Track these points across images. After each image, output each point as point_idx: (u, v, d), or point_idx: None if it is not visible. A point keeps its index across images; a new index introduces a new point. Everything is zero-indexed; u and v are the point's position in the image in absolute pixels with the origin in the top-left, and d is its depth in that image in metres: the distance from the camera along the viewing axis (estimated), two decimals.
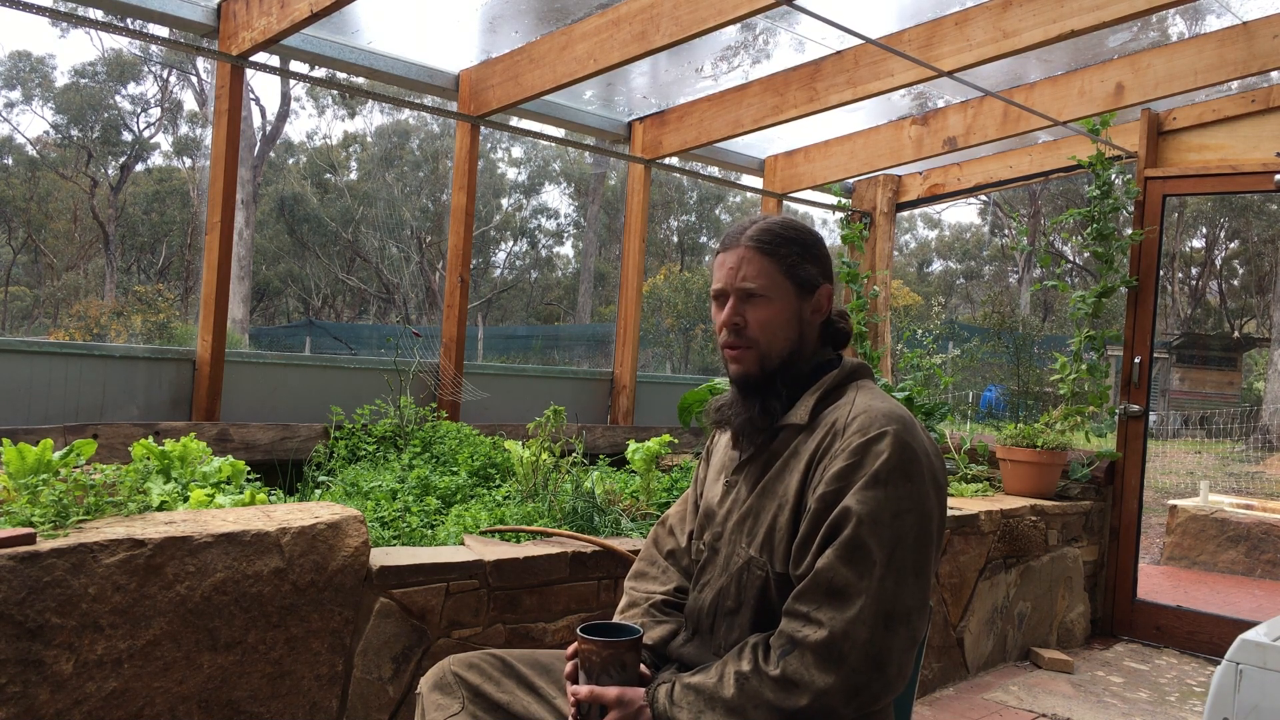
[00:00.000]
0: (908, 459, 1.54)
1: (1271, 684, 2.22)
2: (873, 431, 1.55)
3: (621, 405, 5.31)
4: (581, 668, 1.58)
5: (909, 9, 4.16)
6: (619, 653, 1.56)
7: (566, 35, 4.16)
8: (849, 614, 1.46)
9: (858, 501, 1.50)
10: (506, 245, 30.62)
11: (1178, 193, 4.86)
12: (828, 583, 1.49)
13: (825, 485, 1.55)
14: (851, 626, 1.45)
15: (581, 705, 1.56)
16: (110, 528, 1.99)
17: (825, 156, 5.79)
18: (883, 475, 1.51)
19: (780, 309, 1.68)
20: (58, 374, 3.54)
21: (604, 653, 1.55)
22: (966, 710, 3.59)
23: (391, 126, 27.14)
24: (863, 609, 1.46)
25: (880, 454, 1.53)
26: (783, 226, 1.71)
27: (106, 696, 1.90)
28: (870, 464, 1.52)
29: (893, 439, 1.54)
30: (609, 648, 1.56)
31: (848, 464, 1.54)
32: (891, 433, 1.54)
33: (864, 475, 1.52)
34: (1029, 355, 6.87)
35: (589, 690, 1.55)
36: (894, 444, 1.53)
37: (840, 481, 1.53)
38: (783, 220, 1.73)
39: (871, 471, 1.52)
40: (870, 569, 1.47)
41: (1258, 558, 6.53)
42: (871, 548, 1.48)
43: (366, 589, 2.27)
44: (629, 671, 1.57)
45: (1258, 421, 14.33)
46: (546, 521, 3.13)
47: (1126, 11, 3.61)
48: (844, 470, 1.54)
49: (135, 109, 26.98)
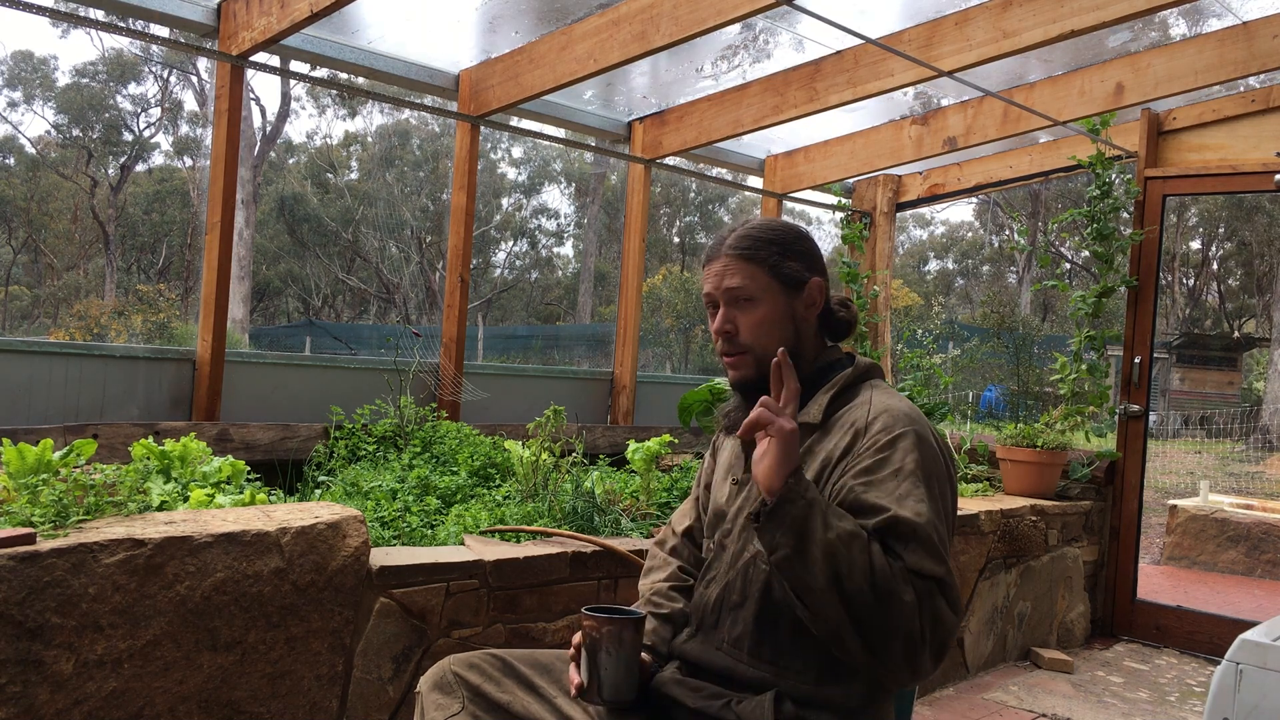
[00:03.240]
0: (929, 458, 1.58)
1: (1271, 684, 2.22)
2: (897, 430, 1.59)
3: (621, 405, 5.31)
4: (584, 647, 1.61)
5: (909, 9, 4.16)
6: (619, 630, 1.59)
7: (566, 35, 4.16)
8: (940, 570, 1.47)
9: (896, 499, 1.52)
10: (506, 245, 30.64)
11: (1178, 193, 4.86)
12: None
13: (853, 478, 1.57)
14: (949, 575, 1.47)
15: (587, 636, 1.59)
16: (110, 528, 1.99)
17: (825, 156, 5.79)
18: (916, 472, 1.55)
19: (769, 310, 1.69)
20: (58, 374, 3.54)
21: (604, 628, 1.58)
22: (966, 710, 3.59)
23: (392, 126, 27.15)
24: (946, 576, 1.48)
25: (909, 451, 1.56)
26: (760, 229, 1.73)
27: (106, 696, 1.90)
28: (899, 459, 1.56)
29: (916, 438, 1.58)
30: (610, 624, 1.59)
31: (875, 460, 1.57)
32: (914, 432, 1.59)
33: (893, 471, 1.55)
34: (1029, 355, 6.88)
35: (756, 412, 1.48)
36: (918, 443, 1.58)
37: (868, 476, 1.56)
38: (762, 222, 1.75)
39: (906, 469, 1.55)
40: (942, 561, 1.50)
41: (1258, 558, 6.53)
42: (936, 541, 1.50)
43: (366, 589, 2.27)
44: (629, 649, 1.60)
45: (1258, 421, 14.33)
46: (546, 521, 3.13)
47: (1126, 11, 3.61)
48: (872, 467, 1.56)
49: (136, 109, 27.02)
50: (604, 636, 1.59)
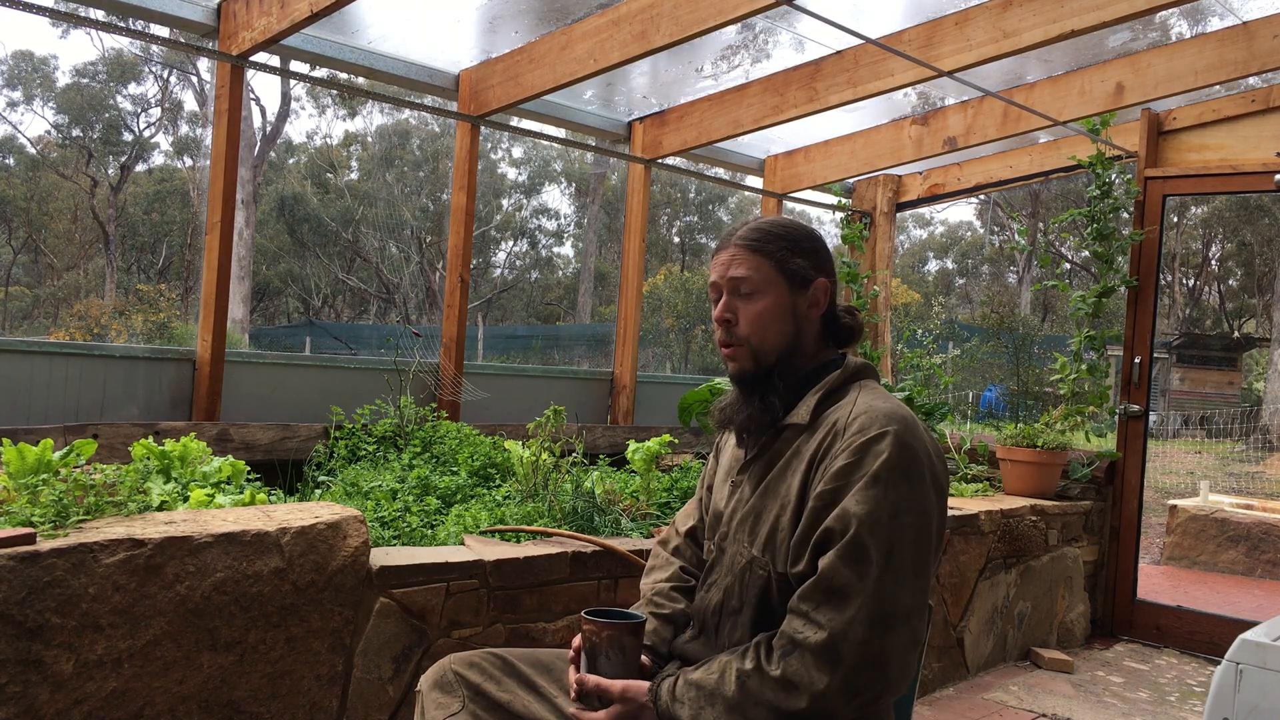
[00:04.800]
0: (908, 459, 1.53)
1: (1271, 684, 2.22)
2: (873, 431, 1.55)
3: (621, 405, 5.31)
4: (584, 650, 1.61)
5: (909, 9, 4.16)
6: (619, 635, 1.58)
7: (566, 35, 4.16)
8: (847, 614, 1.46)
9: (856, 502, 1.51)
10: (506, 245, 30.64)
11: (1178, 193, 4.85)
12: (828, 583, 1.49)
13: (825, 484, 1.55)
14: (850, 627, 1.46)
15: (583, 692, 1.58)
16: (110, 528, 1.99)
17: (825, 156, 5.79)
18: (882, 475, 1.51)
19: (771, 303, 1.69)
20: (58, 374, 3.54)
21: (604, 633, 1.58)
22: (966, 710, 3.59)
23: (392, 126, 27.15)
24: (860, 609, 1.46)
25: (880, 454, 1.53)
26: (772, 224, 1.73)
27: (106, 696, 1.90)
28: (870, 464, 1.52)
29: (893, 439, 1.54)
30: (610, 629, 1.58)
31: (847, 463, 1.54)
32: (892, 433, 1.54)
33: (863, 475, 1.52)
34: (1029, 355, 6.88)
35: (595, 683, 1.57)
36: (894, 444, 1.53)
37: (840, 480, 1.54)
38: (774, 219, 1.75)
39: (871, 471, 1.52)
40: (868, 569, 1.47)
41: (1258, 558, 6.53)
42: (870, 548, 1.48)
43: (366, 589, 2.27)
44: (628, 655, 1.59)
45: (1258, 421, 14.34)
46: (546, 521, 3.13)
47: (1126, 11, 3.61)
48: (844, 469, 1.54)
49: (136, 109, 27.03)
50: (604, 641, 1.58)
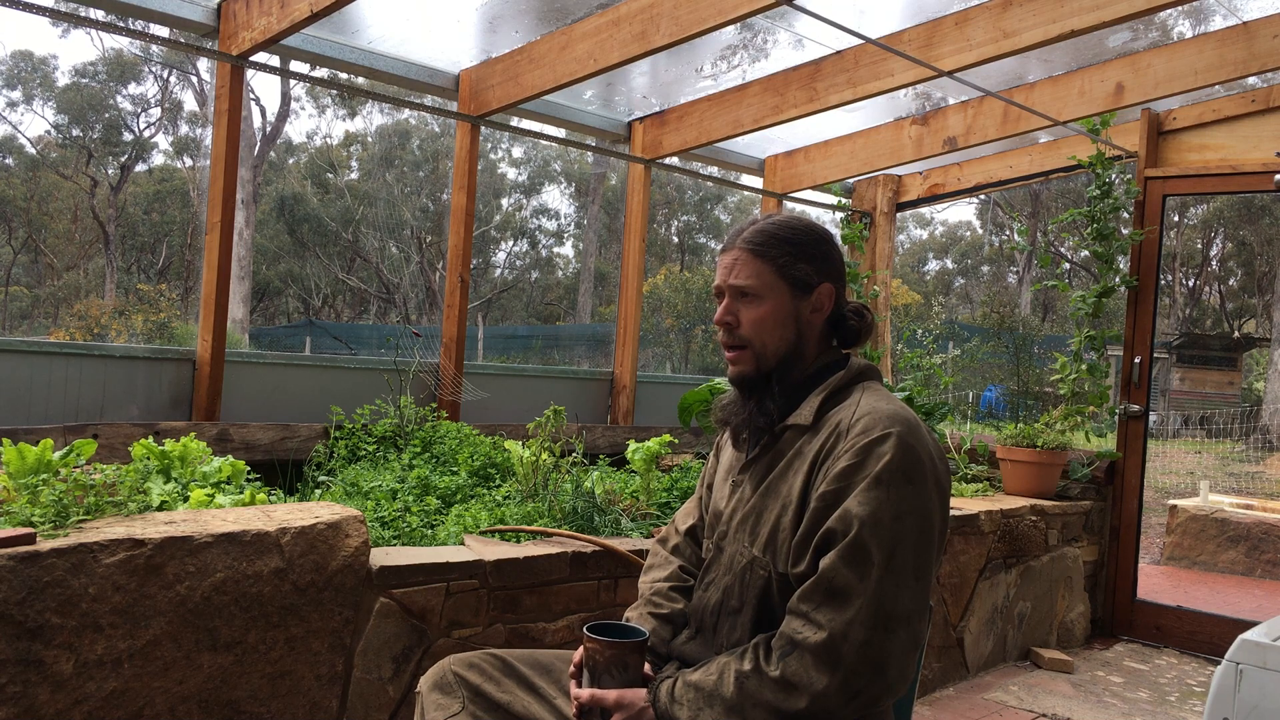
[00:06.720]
0: (910, 461, 1.53)
1: (1271, 684, 2.22)
2: (876, 432, 1.55)
3: (621, 405, 5.30)
4: (585, 666, 1.59)
5: (909, 9, 4.16)
6: (622, 653, 1.56)
7: (566, 35, 4.16)
8: (847, 615, 1.46)
9: (858, 503, 1.51)
10: (506, 245, 30.64)
11: (1178, 193, 4.86)
12: (829, 583, 1.49)
13: (827, 485, 1.55)
14: (849, 628, 1.46)
15: (583, 708, 1.56)
16: (110, 528, 1.99)
17: (825, 156, 5.79)
18: (884, 477, 1.51)
19: (772, 309, 1.69)
20: (58, 374, 3.53)
21: (607, 652, 1.56)
22: (966, 710, 3.59)
23: (392, 126, 27.15)
24: (860, 610, 1.46)
25: (883, 455, 1.53)
26: (778, 227, 1.71)
27: (106, 696, 1.90)
28: (872, 465, 1.52)
29: (896, 440, 1.54)
30: (612, 648, 1.56)
31: (850, 464, 1.54)
32: (895, 434, 1.54)
33: (866, 476, 1.52)
34: (1029, 355, 6.87)
35: (590, 694, 1.56)
36: (897, 446, 1.53)
37: (842, 481, 1.54)
38: (781, 220, 1.73)
39: (874, 473, 1.52)
40: (869, 570, 1.47)
41: (1258, 558, 6.53)
42: (871, 549, 1.48)
43: (366, 589, 2.27)
44: (631, 672, 1.58)
45: (1258, 421, 14.34)
46: (546, 521, 3.13)
47: (1126, 11, 3.61)
48: (846, 470, 1.54)
49: (136, 109, 27.03)
50: (607, 660, 1.56)
